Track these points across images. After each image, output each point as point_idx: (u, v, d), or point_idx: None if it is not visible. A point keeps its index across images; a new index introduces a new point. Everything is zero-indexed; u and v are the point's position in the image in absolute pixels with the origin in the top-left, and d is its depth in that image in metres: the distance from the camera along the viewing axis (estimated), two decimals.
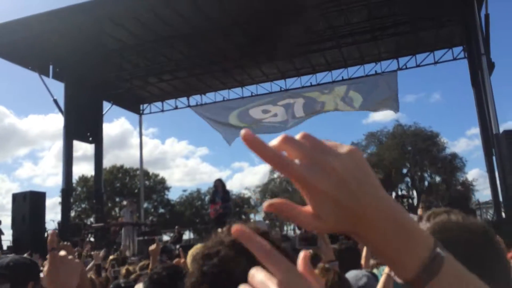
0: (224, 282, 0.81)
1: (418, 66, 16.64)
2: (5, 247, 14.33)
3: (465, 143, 59.16)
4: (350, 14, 13.92)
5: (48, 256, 1.30)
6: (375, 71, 16.74)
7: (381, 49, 16.10)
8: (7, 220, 16.03)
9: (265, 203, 0.50)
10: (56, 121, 60.42)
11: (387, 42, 15.41)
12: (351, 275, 2.72)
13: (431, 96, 59.93)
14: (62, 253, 1.28)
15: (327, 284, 2.07)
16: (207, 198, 47.51)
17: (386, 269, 2.39)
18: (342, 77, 17.16)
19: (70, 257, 1.30)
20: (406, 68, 16.71)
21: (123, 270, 4.90)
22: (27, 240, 12.45)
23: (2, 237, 15.69)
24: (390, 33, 14.75)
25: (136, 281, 3.81)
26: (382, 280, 2.34)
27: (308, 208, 0.50)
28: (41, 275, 2.35)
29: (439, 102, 57.04)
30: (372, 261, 4.39)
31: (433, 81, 60.23)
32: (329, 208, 0.49)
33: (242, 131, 0.48)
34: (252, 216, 20.49)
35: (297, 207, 0.51)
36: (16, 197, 13.61)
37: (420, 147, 35.67)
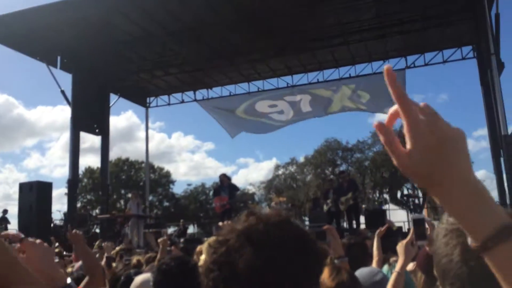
0: (228, 272, 0.80)
1: (426, 64, 16.56)
2: None
3: (471, 144, 58.51)
4: (359, 11, 13.84)
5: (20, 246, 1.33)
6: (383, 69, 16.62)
7: (389, 47, 16.00)
8: (14, 210, 16.19)
9: (376, 122, 0.63)
10: (64, 113, 60.71)
11: (395, 40, 15.30)
12: (365, 271, 2.72)
13: (438, 97, 59.40)
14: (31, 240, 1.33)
15: (338, 285, 2.01)
16: (211, 192, 47.57)
17: (397, 267, 2.40)
18: (350, 74, 17.11)
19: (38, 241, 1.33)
20: (414, 66, 16.63)
21: (133, 260, 4.93)
22: (34, 230, 12.55)
23: (9, 226, 15.88)
24: (398, 31, 14.64)
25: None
26: (392, 278, 2.36)
27: (403, 148, 0.63)
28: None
29: (446, 103, 56.56)
30: (383, 256, 4.38)
31: (441, 81, 59.74)
32: (422, 153, 0.60)
33: (386, 66, 0.63)
34: None
35: (397, 139, 0.63)
36: (23, 187, 13.70)
37: None
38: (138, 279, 2.67)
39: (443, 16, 13.72)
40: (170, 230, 19.68)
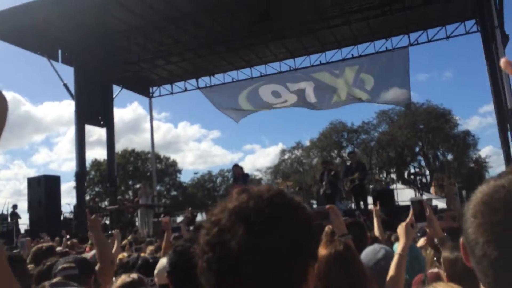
0: (221, 252, 0.80)
1: (429, 41, 16.33)
2: (22, 231, 14.63)
3: (477, 121, 58.32)
4: None
5: None
6: (386, 48, 16.46)
7: (391, 25, 15.76)
8: (24, 205, 16.33)
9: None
10: (70, 107, 60.67)
11: (397, 17, 15.00)
12: (369, 250, 2.79)
13: (442, 75, 58.94)
14: None
15: (331, 255, 2.03)
16: (218, 179, 47.84)
17: (398, 249, 2.41)
18: (352, 54, 16.92)
19: None
20: (418, 43, 16.42)
21: (148, 250, 4.96)
22: (44, 223, 12.68)
23: (20, 221, 16.05)
24: (399, 8, 14.38)
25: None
26: (395, 259, 2.37)
27: None
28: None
29: (451, 80, 56.22)
30: (393, 235, 4.45)
31: (445, 58, 59.14)
32: None
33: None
34: None
35: None
36: (31, 182, 13.81)
37: (433, 125, 35.30)
38: (164, 260, 2.76)
39: None
40: (179, 218, 19.81)
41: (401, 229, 2.44)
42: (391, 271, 2.33)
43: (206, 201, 44.08)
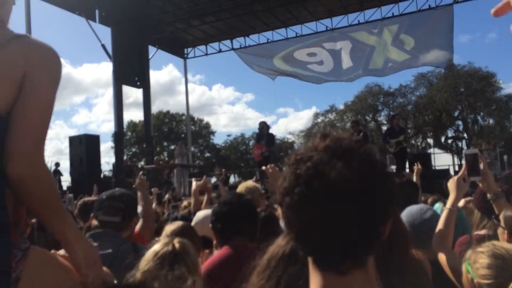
0: (319, 185, 0.79)
1: None
2: (64, 188, 15.28)
3: None
4: None
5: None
6: (429, 6, 15.65)
7: None
8: (66, 163, 16.97)
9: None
10: (108, 69, 61.62)
11: None
12: (415, 208, 2.63)
13: (486, 36, 56.09)
14: None
15: None
16: (251, 142, 48.10)
17: (448, 203, 2.30)
18: (393, 13, 16.19)
19: None
20: (464, 0, 15.53)
21: (184, 203, 5.07)
22: (85, 181, 13.15)
23: (62, 178, 16.75)
24: None
25: (190, 214, 3.94)
26: (444, 214, 2.26)
27: None
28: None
29: (495, 42, 53.48)
30: (430, 198, 4.33)
31: (490, 18, 55.87)
32: None
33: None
34: None
35: None
36: (73, 140, 14.24)
37: (474, 88, 33.87)
38: (201, 213, 2.84)
39: None
40: (213, 179, 20.15)
41: (452, 183, 2.29)
42: (440, 225, 2.22)
43: (239, 163, 44.61)
